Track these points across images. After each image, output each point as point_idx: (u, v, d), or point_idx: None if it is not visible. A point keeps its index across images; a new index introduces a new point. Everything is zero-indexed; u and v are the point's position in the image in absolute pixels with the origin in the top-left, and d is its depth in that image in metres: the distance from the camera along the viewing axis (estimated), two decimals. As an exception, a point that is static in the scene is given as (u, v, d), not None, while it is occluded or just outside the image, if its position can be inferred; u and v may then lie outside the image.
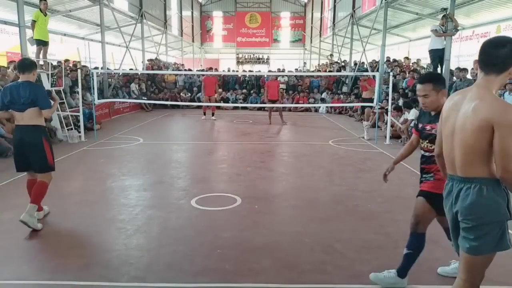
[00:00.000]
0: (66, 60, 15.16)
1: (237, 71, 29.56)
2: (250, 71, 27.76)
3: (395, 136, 10.65)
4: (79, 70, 12.24)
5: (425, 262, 3.69)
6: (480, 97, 2.24)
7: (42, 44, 10.63)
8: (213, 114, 15.49)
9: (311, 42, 37.42)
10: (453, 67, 12.53)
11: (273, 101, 14.28)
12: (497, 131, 2.14)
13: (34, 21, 10.25)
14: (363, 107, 12.78)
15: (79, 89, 11.33)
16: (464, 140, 2.28)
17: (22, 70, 4.69)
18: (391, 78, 10.61)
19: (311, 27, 37.14)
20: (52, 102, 5.06)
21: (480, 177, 2.29)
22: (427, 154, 3.27)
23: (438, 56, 11.28)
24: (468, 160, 2.30)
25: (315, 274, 3.66)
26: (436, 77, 3.30)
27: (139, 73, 20.05)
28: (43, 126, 4.78)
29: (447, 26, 10.56)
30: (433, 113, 3.21)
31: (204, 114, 15.59)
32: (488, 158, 2.25)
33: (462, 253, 2.43)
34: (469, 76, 11.48)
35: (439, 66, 11.51)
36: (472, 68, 11.59)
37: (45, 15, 10.49)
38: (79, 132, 10.58)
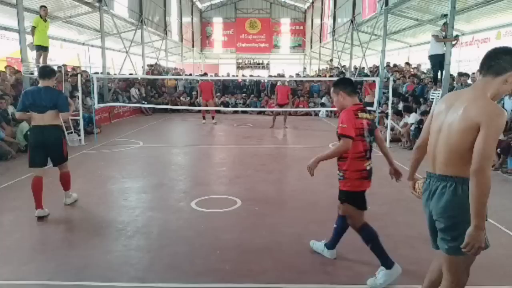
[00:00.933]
0: (64, 65, 15.19)
1: (237, 75, 29.65)
2: (250, 75, 27.80)
3: (395, 139, 10.67)
4: (79, 75, 12.27)
5: (425, 263, 3.68)
6: (473, 99, 2.27)
7: (42, 49, 10.68)
8: (213, 118, 15.54)
9: (311, 48, 37.54)
10: (454, 72, 12.57)
11: (282, 105, 14.32)
12: (482, 131, 2.15)
13: (34, 27, 10.30)
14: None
15: (79, 94, 11.34)
16: (449, 139, 2.31)
17: (43, 77, 5.16)
18: (391, 83, 10.64)
19: (311, 33, 37.27)
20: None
21: (458, 176, 2.31)
22: None
23: (438, 61, 11.33)
24: (449, 158, 2.32)
25: (315, 274, 3.66)
26: (336, 82, 3.69)
27: (139, 78, 20.11)
28: (61, 125, 5.36)
29: (448, 32, 10.60)
30: None
31: (204, 118, 15.63)
32: (468, 159, 2.24)
33: (443, 255, 2.45)
34: (470, 81, 11.50)
35: (439, 71, 11.56)
36: (473, 72, 11.63)
37: (45, 21, 10.54)
38: (79, 135, 10.58)
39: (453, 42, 10.85)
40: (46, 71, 5.23)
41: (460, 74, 11.79)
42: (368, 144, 3.55)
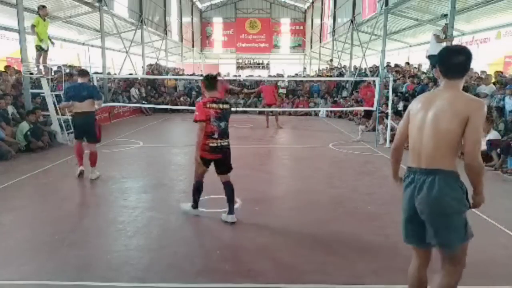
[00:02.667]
0: (65, 65, 15.22)
1: (237, 75, 29.65)
2: (250, 75, 27.80)
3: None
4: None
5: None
6: (455, 97, 2.47)
7: (42, 49, 10.67)
8: None
9: (311, 48, 37.55)
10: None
11: (270, 106, 14.34)
12: (471, 123, 2.36)
13: (33, 26, 10.28)
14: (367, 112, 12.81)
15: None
16: (438, 133, 2.45)
17: (81, 75, 7.06)
18: (391, 83, 10.64)
19: (311, 33, 37.27)
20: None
21: (445, 169, 2.45)
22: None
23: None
24: (437, 153, 2.46)
25: (315, 274, 3.65)
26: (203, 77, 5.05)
27: (139, 78, 20.13)
28: (94, 112, 7.01)
29: (448, 32, 10.61)
30: None
31: None
32: (455, 152, 2.45)
33: (439, 249, 2.58)
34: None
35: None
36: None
37: (44, 20, 10.53)
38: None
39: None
40: (83, 72, 7.24)
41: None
42: (217, 127, 4.79)
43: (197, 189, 5.11)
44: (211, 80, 4.89)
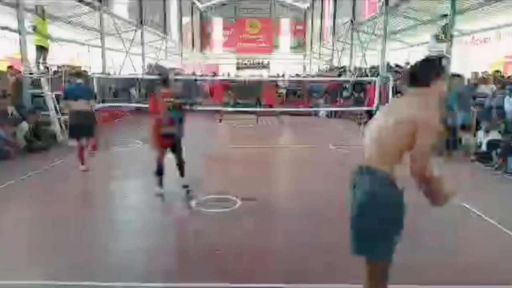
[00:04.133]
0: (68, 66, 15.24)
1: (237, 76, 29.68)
2: (251, 75, 27.80)
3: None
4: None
5: (423, 261, 3.68)
6: (403, 103, 2.51)
7: (42, 49, 10.69)
8: (220, 121, 15.50)
9: (311, 48, 37.54)
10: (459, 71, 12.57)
11: (271, 106, 14.38)
12: (419, 133, 2.32)
13: (35, 26, 10.33)
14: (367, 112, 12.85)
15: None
16: (382, 137, 2.45)
17: (79, 77, 7.76)
18: (391, 83, 10.65)
19: (311, 33, 37.26)
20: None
21: (380, 169, 2.44)
22: None
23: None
24: (380, 156, 2.46)
25: (314, 274, 3.66)
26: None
27: (139, 78, 20.11)
28: (90, 110, 7.40)
29: (448, 32, 10.61)
30: None
31: (220, 121, 15.57)
32: (396, 155, 2.42)
33: (364, 261, 2.53)
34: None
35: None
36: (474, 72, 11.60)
37: (43, 19, 10.54)
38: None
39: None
40: (81, 74, 8.29)
41: (453, 76, 11.79)
42: (170, 117, 5.57)
43: (161, 171, 5.79)
44: (164, 79, 5.82)
